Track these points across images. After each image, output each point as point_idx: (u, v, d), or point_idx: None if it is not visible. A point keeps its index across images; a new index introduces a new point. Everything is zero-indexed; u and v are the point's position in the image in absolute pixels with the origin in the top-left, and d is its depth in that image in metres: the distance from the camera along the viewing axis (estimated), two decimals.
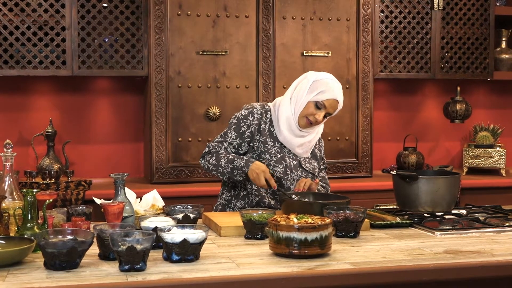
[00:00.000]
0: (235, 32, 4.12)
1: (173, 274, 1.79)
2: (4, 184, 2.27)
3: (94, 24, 4.01)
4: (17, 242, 1.96)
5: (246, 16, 4.13)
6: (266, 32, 4.15)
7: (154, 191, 2.64)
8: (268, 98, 4.15)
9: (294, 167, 2.86)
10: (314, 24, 4.25)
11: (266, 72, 4.16)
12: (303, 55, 4.22)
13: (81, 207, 2.46)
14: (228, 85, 4.12)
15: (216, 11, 4.09)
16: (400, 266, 1.92)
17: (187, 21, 4.05)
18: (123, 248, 1.79)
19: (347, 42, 4.30)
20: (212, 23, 4.09)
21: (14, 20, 3.90)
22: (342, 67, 4.30)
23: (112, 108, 4.42)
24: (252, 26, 4.15)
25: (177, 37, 4.04)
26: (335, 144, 4.31)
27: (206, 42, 4.08)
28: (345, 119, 4.31)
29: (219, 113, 4.09)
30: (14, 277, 1.75)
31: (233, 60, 4.12)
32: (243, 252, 2.07)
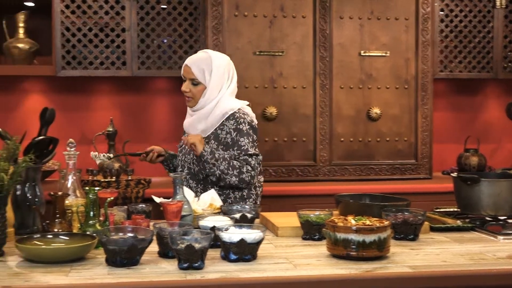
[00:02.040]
0: (292, 32, 4.12)
1: (231, 273, 1.80)
2: (67, 182, 2.32)
3: (153, 26, 4.07)
4: (80, 239, 2.00)
5: (303, 16, 4.12)
6: (323, 32, 4.13)
7: (212, 190, 2.66)
8: (325, 98, 4.13)
9: (187, 151, 2.87)
10: (371, 24, 4.20)
11: (323, 72, 4.14)
12: (361, 55, 4.18)
13: (141, 206, 2.51)
14: (285, 86, 4.12)
15: (273, 12, 4.09)
16: (461, 271, 1.88)
17: (244, 21, 4.07)
18: (182, 247, 1.81)
19: (406, 41, 4.24)
20: (269, 24, 4.10)
21: (77, 22, 4.00)
22: (400, 67, 4.24)
23: (170, 108, 4.47)
24: (309, 26, 4.14)
25: (234, 38, 4.06)
26: (393, 145, 4.26)
27: (263, 43, 4.09)
28: (403, 120, 4.25)
29: (276, 113, 4.10)
30: (77, 272, 1.79)
31: (290, 60, 4.12)
32: (300, 253, 2.07)
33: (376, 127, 4.23)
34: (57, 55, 3.97)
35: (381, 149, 4.25)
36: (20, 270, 1.81)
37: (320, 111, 4.14)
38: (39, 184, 2.31)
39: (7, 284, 1.66)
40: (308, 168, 4.15)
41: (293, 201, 3.82)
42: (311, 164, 4.16)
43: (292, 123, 4.14)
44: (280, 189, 3.92)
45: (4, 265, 1.87)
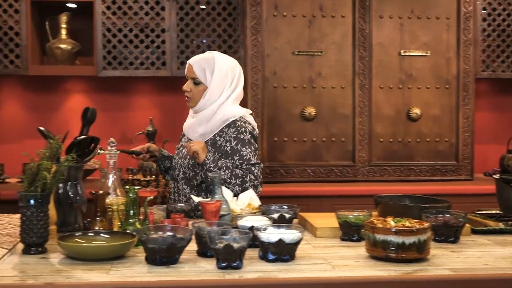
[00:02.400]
0: (331, 32, 4.10)
1: (269, 273, 1.80)
2: (108, 181, 2.36)
3: (192, 26, 4.10)
4: (120, 237, 2.03)
5: (342, 16, 4.10)
6: (363, 31, 4.11)
7: (250, 190, 2.66)
8: (364, 98, 4.10)
9: (183, 155, 2.83)
10: (412, 23, 4.16)
11: (362, 72, 4.11)
12: (401, 55, 4.14)
13: (180, 205, 2.52)
14: (324, 85, 4.11)
15: (312, 11, 4.08)
16: (504, 274, 1.85)
17: (283, 21, 4.07)
18: (220, 246, 1.81)
19: (447, 41, 4.18)
20: (308, 24, 4.09)
21: (117, 23, 4.05)
22: (441, 67, 4.18)
23: None
24: (348, 25, 4.11)
25: (273, 38, 4.06)
26: (433, 146, 4.20)
27: (301, 43, 4.08)
28: (444, 120, 4.20)
29: (315, 113, 4.09)
30: (117, 270, 1.81)
31: (329, 60, 4.10)
32: (338, 253, 2.06)
33: (416, 127, 4.18)
34: (98, 56, 4.03)
35: (421, 149, 4.20)
36: (62, 267, 1.84)
37: (359, 111, 4.12)
38: (81, 182, 2.34)
39: (49, 281, 1.69)
40: (347, 169, 4.13)
41: (331, 202, 3.81)
42: (350, 165, 4.13)
43: (331, 123, 4.12)
44: (319, 190, 3.91)
45: (46, 262, 1.90)
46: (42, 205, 1.98)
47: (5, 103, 4.39)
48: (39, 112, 4.39)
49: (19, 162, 4.17)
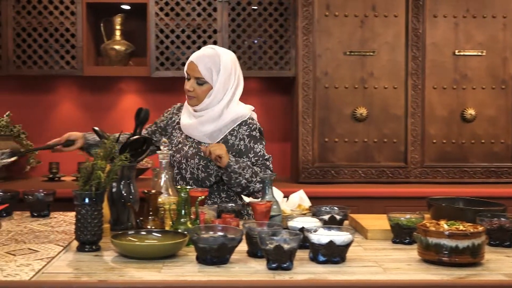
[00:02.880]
0: (384, 32, 4.06)
1: (319, 275, 1.79)
2: (160, 180, 2.39)
3: (244, 27, 4.12)
4: (172, 236, 2.05)
5: (395, 16, 4.05)
6: (416, 31, 4.05)
7: (301, 191, 2.66)
8: (417, 99, 4.04)
9: (190, 155, 2.74)
10: (467, 22, 4.08)
11: (415, 72, 4.05)
12: (455, 55, 4.07)
13: (231, 205, 2.54)
14: (376, 86, 4.07)
15: (364, 11, 4.05)
16: None
17: (335, 21, 4.05)
18: (271, 247, 1.82)
19: (503, 40, 4.09)
20: (360, 23, 4.06)
21: (170, 24, 4.10)
22: (497, 67, 4.09)
23: (260, 108, 4.51)
24: (401, 25, 4.06)
25: (325, 38, 4.04)
26: (488, 147, 4.12)
27: (353, 43, 4.05)
28: (500, 121, 4.10)
29: (366, 113, 4.05)
30: (169, 269, 1.83)
31: (381, 60, 4.06)
32: (390, 256, 2.04)
33: (470, 128, 4.10)
34: (151, 57, 4.09)
35: (475, 151, 4.12)
36: (115, 265, 1.87)
37: (412, 111, 4.06)
38: (134, 182, 2.38)
39: (103, 279, 1.73)
40: (399, 170, 4.08)
41: (382, 203, 3.77)
42: (402, 166, 4.08)
43: (383, 124, 4.08)
44: (370, 191, 3.88)
45: (100, 259, 1.94)
46: (96, 204, 2.02)
47: (61, 103, 4.49)
48: (93, 112, 4.48)
49: (74, 161, 4.26)
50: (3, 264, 1.83)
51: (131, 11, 4.36)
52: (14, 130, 4.24)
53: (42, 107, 4.47)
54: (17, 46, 4.10)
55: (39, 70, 4.12)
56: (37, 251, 2.00)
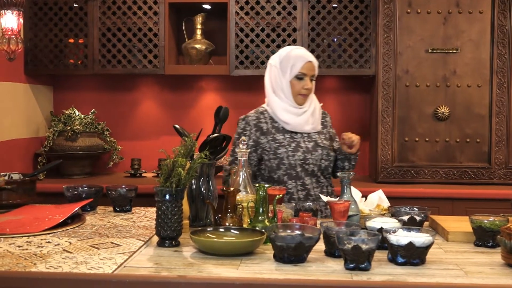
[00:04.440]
0: (468, 29, 3.94)
1: (398, 276, 1.77)
2: (239, 178, 2.41)
3: (324, 25, 4.10)
4: (249, 234, 2.07)
5: (480, 12, 3.93)
6: (502, 28, 3.91)
7: (380, 191, 2.63)
8: (503, 98, 3.91)
9: (312, 148, 2.91)
10: None
11: (501, 70, 3.92)
12: None
13: (308, 203, 2.53)
14: (459, 84, 3.96)
15: (448, 8, 3.95)
16: None
17: (417, 19, 3.97)
18: (349, 247, 1.80)
19: None
20: (443, 20, 3.96)
21: (250, 22, 4.13)
22: None
23: (339, 106, 4.48)
24: (486, 22, 3.94)
25: (406, 36, 3.97)
26: None
27: (436, 40, 3.96)
28: None
29: (448, 113, 3.95)
30: (246, 266, 1.85)
31: (464, 58, 3.95)
32: (472, 260, 1.98)
33: None
34: (231, 55, 4.13)
35: None
36: (194, 261, 1.90)
37: (497, 111, 3.93)
38: (213, 179, 2.42)
39: (182, 274, 1.76)
40: (482, 171, 3.96)
41: (464, 205, 3.68)
42: (485, 167, 3.96)
43: (465, 123, 3.97)
44: (451, 192, 3.78)
45: (179, 255, 1.98)
46: (176, 200, 2.07)
47: (143, 101, 4.61)
48: (174, 109, 4.57)
49: (155, 158, 4.37)
50: (87, 257, 1.90)
51: (212, 10, 4.41)
52: (98, 127, 4.38)
53: (125, 105, 4.60)
54: (103, 46, 4.23)
55: (123, 69, 4.24)
56: (120, 245, 2.06)
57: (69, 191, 2.73)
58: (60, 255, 1.92)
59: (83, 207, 2.64)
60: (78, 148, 4.20)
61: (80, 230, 2.30)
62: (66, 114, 4.31)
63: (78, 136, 4.23)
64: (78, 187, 2.77)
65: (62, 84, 4.62)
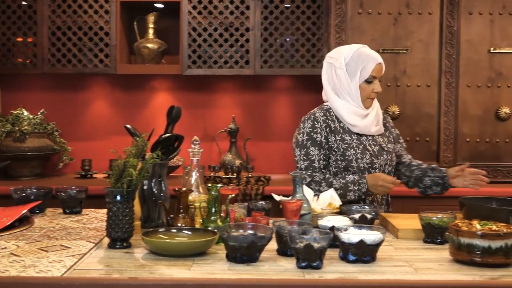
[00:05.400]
0: (417, 30, 4.01)
1: (349, 274, 1.78)
2: (191, 178, 2.40)
3: (277, 25, 4.12)
4: (202, 234, 2.06)
5: (429, 13, 4.01)
6: (451, 28, 4.00)
7: (331, 190, 2.64)
8: (451, 97, 3.99)
9: (378, 152, 2.77)
10: (503, 19, 4.01)
11: (449, 70, 4.00)
12: (490, 52, 4.00)
13: (261, 203, 2.54)
14: (409, 84, 4.03)
15: (398, 9, 4.01)
16: None
17: (368, 19, 4.02)
18: (301, 246, 1.81)
19: None
20: (394, 21, 4.02)
21: (203, 22, 4.12)
22: None
23: (291, 106, 4.50)
24: (435, 23, 4.02)
25: (357, 36, 4.02)
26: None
27: (386, 40, 4.02)
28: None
29: (399, 112, 4.01)
30: (199, 266, 1.84)
31: (414, 58, 4.02)
32: (421, 256, 2.01)
33: (505, 127, 4.04)
34: (183, 55, 4.11)
35: (510, 150, 4.05)
36: (145, 262, 1.88)
37: (445, 110, 4.01)
38: (165, 179, 2.40)
39: (133, 275, 1.74)
40: None
41: (415, 203, 3.74)
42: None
43: (415, 122, 4.04)
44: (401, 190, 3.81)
45: (130, 256, 1.96)
46: (127, 201, 2.04)
47: (94, 101, 4.54)
48: (126, 109, 4.52)
49: (106, 158, 4.31)
50: (36, 260, 1.86)
51: (164, 9, 4.38)
52: (48, 128, 4.30)
53: (76, 105, 4.53)
54: (52, 45, 4.16)
55: (73, 68, 4.17)
56: (69, 247, 2.02)
57: (17, 193, 2.67)
58: (7, 258, 1.88)
59: (32, 210, 2.59)
60: (26, 149, 4.12)
61: (28, 233, 2.25)
62: (14, 115, 4.22)
63: (27, 137, 4.14)
64: (27, 189, 2.71)
65: (10, 83, 4.52)
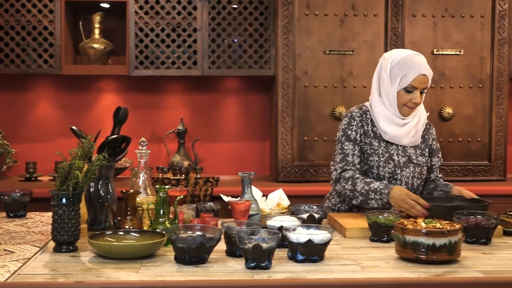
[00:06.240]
0: (363, 31, 4.07)
1: (298, 274, 1.80)
2: (138, 180, 2.38)
3: (224, 25, 4.11)
4: (150, 236, 2.04)
5: (375, 15, 4.07)
6: (395, 30, 4.07)
7: (280, 190, 2.66)
8: None
9: (404, 164, 2.70)
10: (445, 21, 4.11)
11: None
12: (434, 54, 4.10)
13: (210, 204, 2.54)
14: (355, 85, 4.08)
15: (344, 10, 4.06)
16: None
17: (315, 20, 4.05)
18: (249, 246, 1.82)
19: (481, 39, 4.12)
20: (340, 22, 4.07)
21: (150, 22, 4.09)
22: (475, 66, 4.13)
23: (240, 107, 4.51)
24: (380, 24, 4.08)
25: (305, 37, 4.05)
26: (465, 146, 4.15)
27: (333, 42, 4.07)
28: (477, 120, 4.14)
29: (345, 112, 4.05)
30: (147, 269, 1.82)
31: (360, 59, 4.08)
32: (368, 254, 2.05)
33: (448, 127, 4.13)
34: (130, 55, 4.07)
35: (453, 149, 4.15)
36: (92, 266, 1.86)
37: None
38: (112, 181, 2.37)
39: (80, 279, 1.71)
40: None
41: None
42: None
43: None
44: None
45: (77, 260, 1.93)
46: (73, 204, 2.01)
47: (38, 102, 4.45)
48: (71, 111, 4.44)
49: (51, 161, 4.23)
50: None
51: (110, 9, 4.33)
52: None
53: (20, 106, 4.43)
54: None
55: (17, 69, 4.08)
56: (13, 252, 1.98)
57: None
58: None
59: None
60: None
61: None
62: None
63: None
64: None
65: None
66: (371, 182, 2.58)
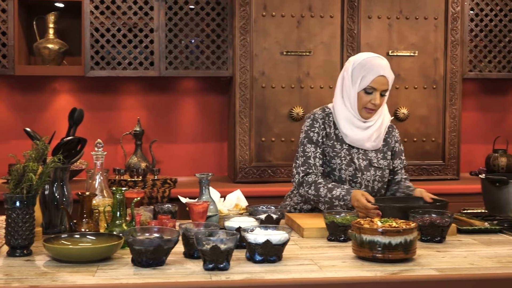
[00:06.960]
0: (320, 32, 4.10)
1: (256, 274, 1.80)
2: (94, 182, 2.35)
3: (181, 26, 4.09)
4: (106, 239, 2.02)
5: (331, 16, 4.11)
6: (351, 32, 4.11)
7: (238, 191, 2.67)
8: None
9: (364, 167, 2.70)
10: (400, 23, 4.17)
11: None
12: (389, 55, 4.15)
13: (167, 206, 2.52)
14: (312, 86, 4.11)
15: (301, 12, 4.09)
16: (489, 274, 1.86)
17: (272, 22, 4.07)
18: (207, 247, 1.81)
19: (435, 41, 4.20)
20: (297, 24, 4.09)
21: (106, 23, 4.04)
22: (429, 67, 4.20)
23: (197, 108, 4.50)
24: (336, 26, 4.12)
25: (262, 38, 4.06)
26: (420, 146, 4.22)
27: (290, 43, 4.09)
28: (431, 120, 4.22)
29: (303, 113, 4.09)
30: (103, 272, 1.80)
31: (317, 60, 4.11)
32: (325, 254, 2.06)
33: (403, 127, 4.19)
34: (86, 56, 4.02)
35: (408, 149, 4.21)
36: (48, 270, 1.83)
37: None
38: (67, 183, 2.34)
39: (34, 284, 1.69)
40: None
41: None
42: None
43: None
44: None
45: (31, 264, 1.90)
46: (27, 207, 1.98)
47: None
48: (25, 112, 4.36)
49: (4, 163, 4.14)
50: None
51: (65, 9, 4.26)
52: None
53: None
54: None
55: None
56: None
57: None
58: None
59: None
60: None
61: None
62: None
63: None
64: None
65: None
66: (333, 188, 2.59)
